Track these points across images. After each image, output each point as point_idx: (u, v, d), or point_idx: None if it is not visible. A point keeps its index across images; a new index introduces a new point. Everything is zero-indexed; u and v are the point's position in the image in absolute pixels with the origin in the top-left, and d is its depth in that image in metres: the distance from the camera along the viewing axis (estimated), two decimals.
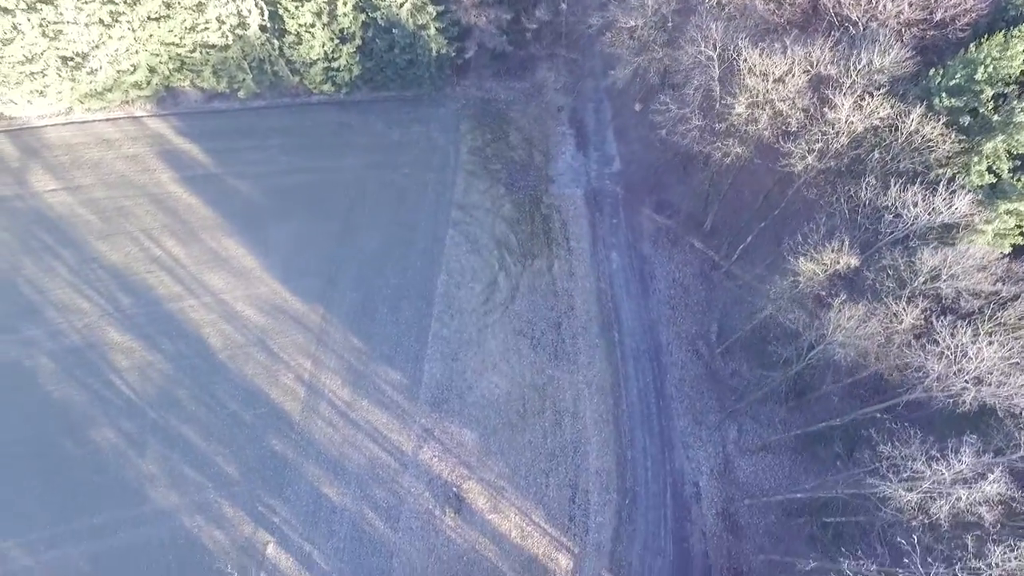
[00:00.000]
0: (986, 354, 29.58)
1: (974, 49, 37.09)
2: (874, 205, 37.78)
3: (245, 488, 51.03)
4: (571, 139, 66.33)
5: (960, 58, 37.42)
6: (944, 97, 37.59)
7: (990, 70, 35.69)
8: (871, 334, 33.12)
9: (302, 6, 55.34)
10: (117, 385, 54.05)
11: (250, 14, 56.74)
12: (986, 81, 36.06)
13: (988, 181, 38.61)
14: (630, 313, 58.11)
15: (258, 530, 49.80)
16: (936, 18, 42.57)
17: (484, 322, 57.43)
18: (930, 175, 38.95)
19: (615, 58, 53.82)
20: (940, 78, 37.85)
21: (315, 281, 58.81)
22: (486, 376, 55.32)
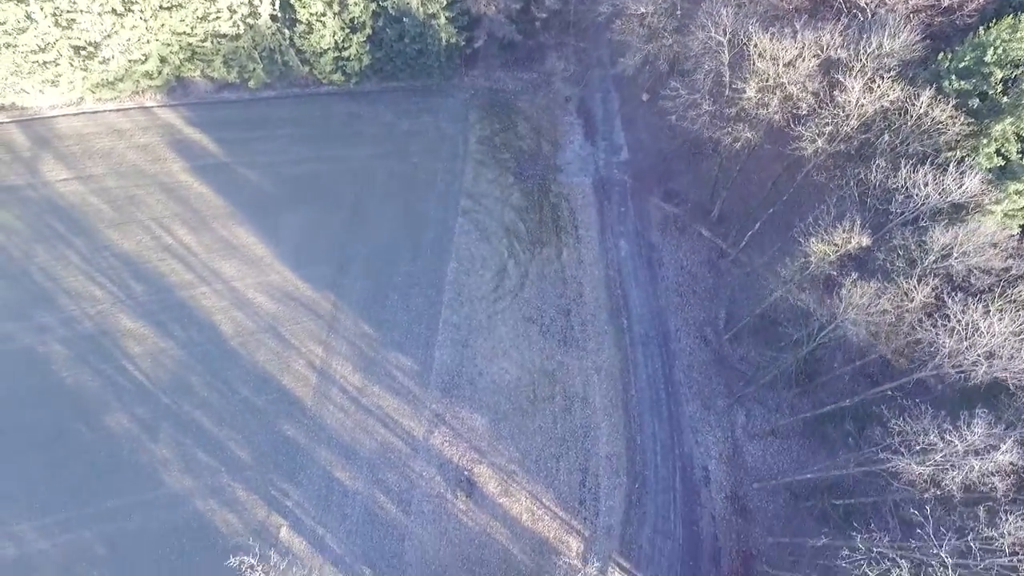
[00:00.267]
0: (997, 329, 30.05)
1: (983, 32, 37.57)
2: (884, 187, 38.24)
3: (258, 472, 51.42)
4: (579, 129, 66.77)
5: (970, 41, 37.92)
6: (954, 80, 38.06)
7: (1000, 52, 36.16)
8: (882, 311, 33.58)
9: None
10: (130, 371, 54.46)
11: (261, 3, 57.20)
12: (996, 63, 36.52)
13: (997, 163, 39.09)
14: (638, 300, 58.55)
15: (271, 514, 50.18)
16: (944, 4, 43.08)
17: (494, 309, 57.87)
18: (939, 158, 39.40)
19: (624, 46, 54.31)
20: (950, 61, 38.33)
21: (326, 269, 59.24)
22: (496, 362, 55.76)
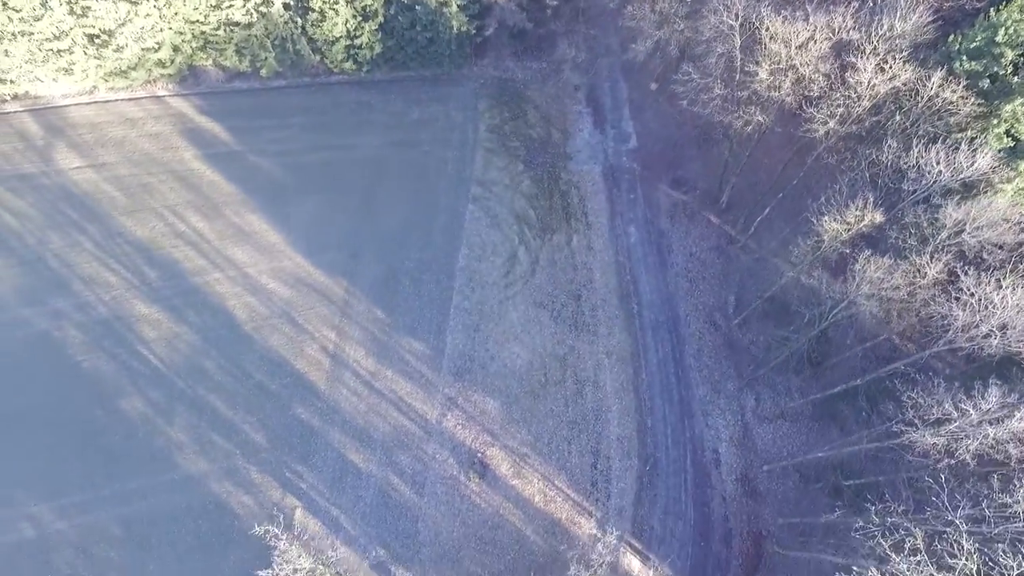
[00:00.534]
0: (1011, 301, 30.49)
1: (995, 13, 38.02)
2: (896, 167, 38.70)
3: (272, 455, 51.90)
4: (588, 117, 67.23)
5: (981, 22, 38.38)
6: (964, 60, 38.52)
7: (1011, 32, 36.61)
8: (896, 286, 34.04)
9: None
10: (145, 355, 54.93)
11: None
12: (1007, 43, 36.97)
13: (1007, 144, 39.55)
14: (648, 286, 59.01)
15: (286, 495, 50.66)
16: None
17: (505, 294, 58.33)
18: (950, 139, 39.84)
19: (635, 32, 54.72)
20: (961, 41, 38.81)
21: (338, 255, 59.69)
22: (508, 347, 56.23)
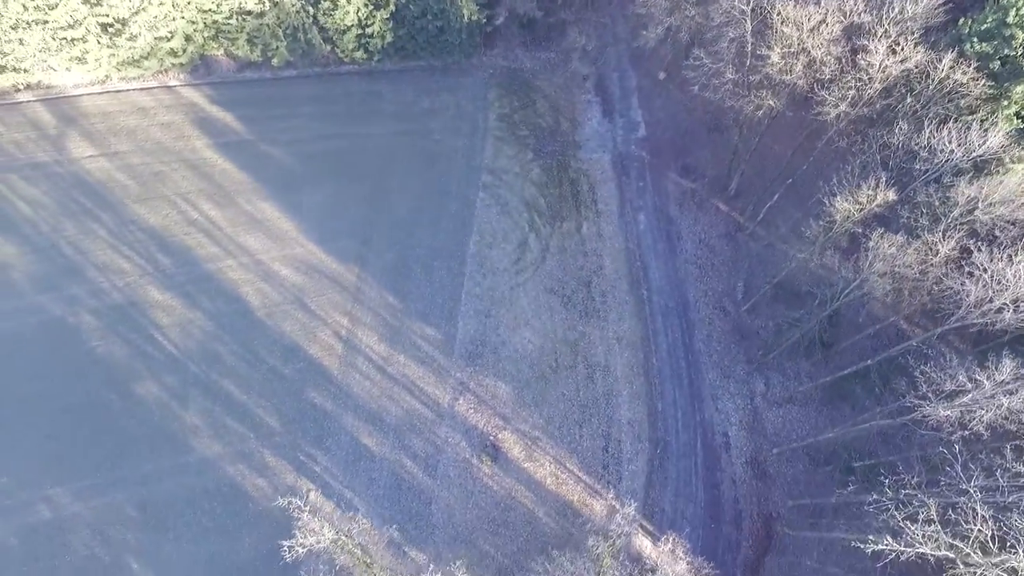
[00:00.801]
0: None
1: None
2: (907, 148, 39.13)
3: (286, 438, 52.38)
4: (597, 106, 67.71)
5: (991, 4, 38.82)
6: (975, 42, 38.96)
7: (1021, 14, 37.01)
8: (908, 264, 34.48)
9: None
10: (159, 341, 55.43)
11: None
12: (1017, 25, 37.38)
13: (1016, 126, 40.01)
14: (658, 272, 59.48)
15: (300, 478, 51.12)
16: None
17: (516, 281, 58.79)
18: (960, 121, 40.25)
19: (646, 19, 55.15)
20: (972, 23, 39.24)
21: (350, 242, 60.15)
22: (519, 332, 56.68)
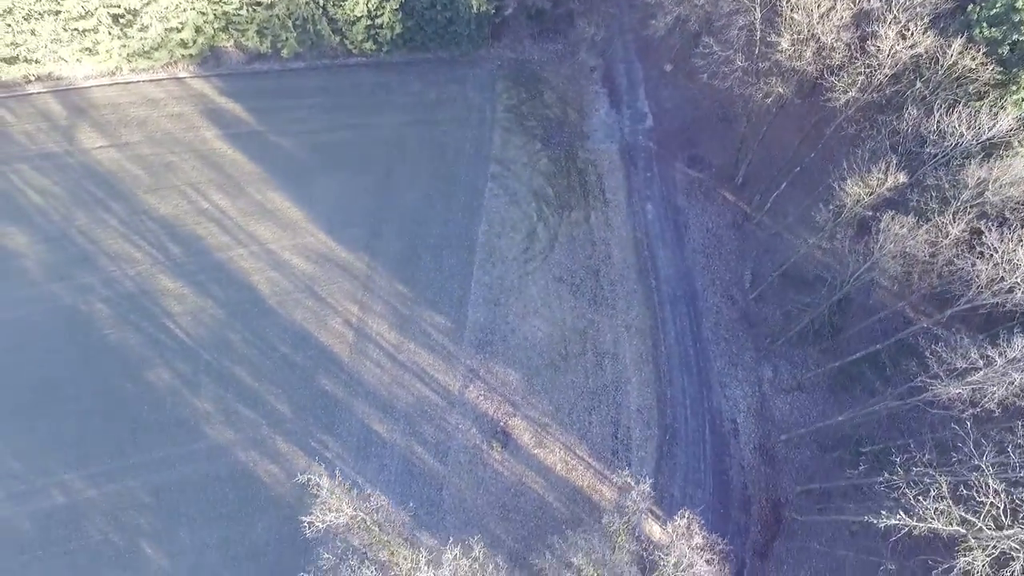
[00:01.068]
0: None
1: None
2: (916, 133, 39.49)
3: (298, 425, 52.79)
4: (604, 97, 68.07)
5: None
6: (984, 27, 39.33)
7: None
8: (920, 243, 34.87)
9: None
10: (171, 329, 55.84)
11: None
12: None
13: None
14: (666, 261, 59.84)
15: (312, 464, 51.00)
16: None
17: (525, 269, 59.17)
18: (969, 107, 40.59)
19: (655, 8, 55.52)
20: (980, 9, 39.59)
21: (359, 232, 60.52)
22: (528, 320, 57.05)
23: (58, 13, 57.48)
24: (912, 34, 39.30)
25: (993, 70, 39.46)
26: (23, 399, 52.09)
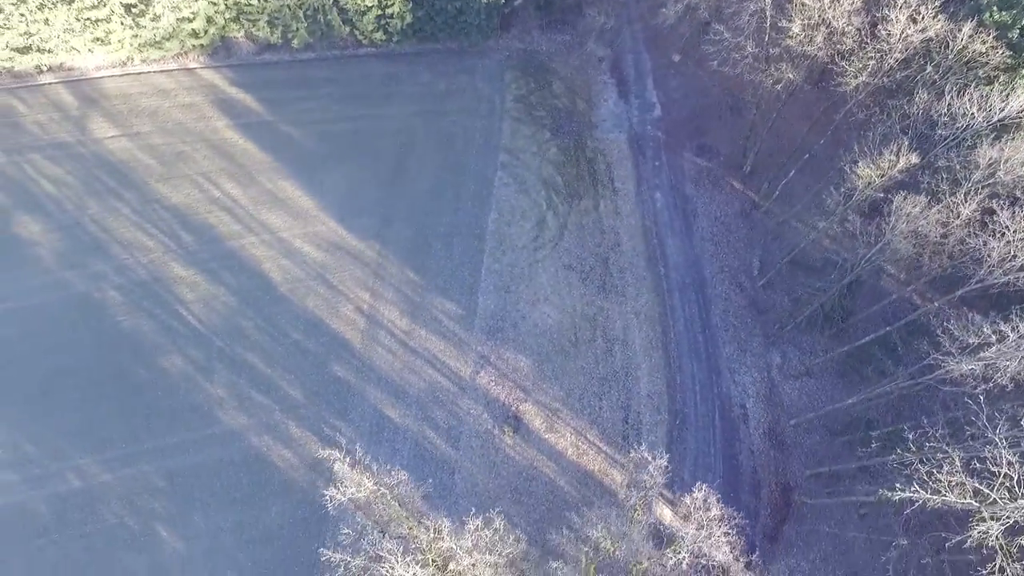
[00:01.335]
0: None
1: None
2: (927, 116, 39.87)
3: (310, 410, 53.15)
4: (612, 88, 68.50)
5: None
6: (994, 12, 39.71)
7: None
8: (932, 223, 35.27)
9: None
10: (184, 316, 56.23)
11: None
12: None
13: None
14: (675, 249, 60.23)
15: (324, 449, 51.68)
16: None
17: (534, 257, 59.56)
18: (979, 91, 40.95)
19: None
20: None
21: (370, 220, 60.93)
22: (538, 307, 57.44)
23: (72, 2, 57.88)
24: (923, 18, 39.71)
25: (1003, 54, 39.85)
26: (38, 385, 52.46)
